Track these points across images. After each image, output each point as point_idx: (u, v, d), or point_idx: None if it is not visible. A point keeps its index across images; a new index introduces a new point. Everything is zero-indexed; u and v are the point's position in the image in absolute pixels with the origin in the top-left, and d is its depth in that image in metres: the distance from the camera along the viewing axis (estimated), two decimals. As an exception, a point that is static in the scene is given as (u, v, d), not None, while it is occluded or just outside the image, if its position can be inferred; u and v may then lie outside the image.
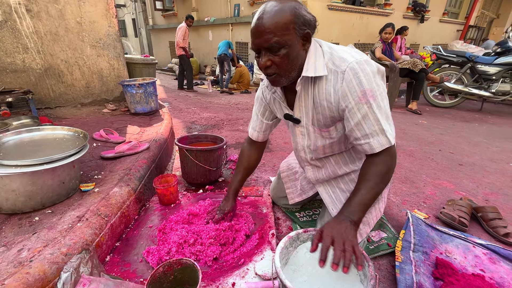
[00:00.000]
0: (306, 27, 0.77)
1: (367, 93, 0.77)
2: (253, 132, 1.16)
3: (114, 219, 1.07)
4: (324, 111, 0.88)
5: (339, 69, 0.79)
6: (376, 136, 0.79)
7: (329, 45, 0.85)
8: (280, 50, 0.75)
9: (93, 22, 2.48)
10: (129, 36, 13.41)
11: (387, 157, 0.81)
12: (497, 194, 1.59)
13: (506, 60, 3.74)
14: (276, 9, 0.73)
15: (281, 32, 0.73)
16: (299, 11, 0.74)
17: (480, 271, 0.96)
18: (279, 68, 0.79)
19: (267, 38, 0.74)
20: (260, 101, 1.10)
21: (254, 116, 1.15)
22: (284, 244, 0.81)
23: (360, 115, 0.79)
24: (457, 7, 8.89)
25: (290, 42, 0.75)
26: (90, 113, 2.51)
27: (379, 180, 0.80)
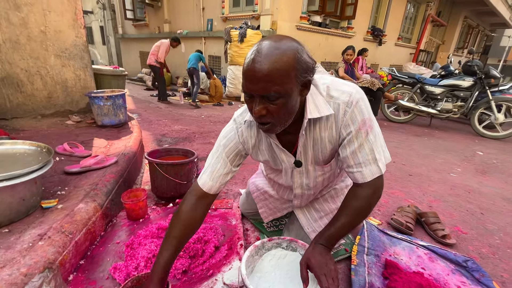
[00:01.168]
0: (307, 74, 0.69)
1: (366, 122, 0.78)
2: (209, 183, 0.90)
3: (79, 236, 1.05)
4: (325, 148, 0.87)
5: (340, 100, 0.78)
6: (368, 165, 0.80)
7: (319, 78, 0.83)
8: (278, 99, 0.67)
9: (59, 32, 2.41)
10: (96, 43, 12.89)
11: (371, 191, 0.82)
12: (439, 201, 1.82)
13: (448, 82, 4.28)
14: (278, 52, 0.64)
15: (282, 81, 0.65)
16: (301, 57, 0.67)
17: (421, 269, 1.10)
18: (274, 117, 0.71)
19: (266, 87, 0.65)
20: (233, 146, 0.92)
21: (217, 164, 0.91)
22: (250, 253, 0.87)
23: (357, 143, 0.79)
24: (409, 33, 9.98)
25: (290, 91, 0.67)
26: (52, 125, 2.38)
27: (358, 216, 0.83)
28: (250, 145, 0.93)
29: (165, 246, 0.83)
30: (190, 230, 0.88)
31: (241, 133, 0.92)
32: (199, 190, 0.91)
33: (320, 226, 1.11)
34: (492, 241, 1.39)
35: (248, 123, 0.91)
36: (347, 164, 0.84)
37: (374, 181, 0.82)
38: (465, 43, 13.84)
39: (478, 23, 14.02)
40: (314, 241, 0.84)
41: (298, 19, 5.77)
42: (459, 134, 4.18)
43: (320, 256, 0.79)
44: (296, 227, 1.18)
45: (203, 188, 0.90)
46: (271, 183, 1.21)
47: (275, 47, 0.65)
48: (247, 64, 0.67)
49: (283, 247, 0.97)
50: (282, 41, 0.67)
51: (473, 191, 2.03)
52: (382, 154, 0.83)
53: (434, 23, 10.29)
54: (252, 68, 0.65)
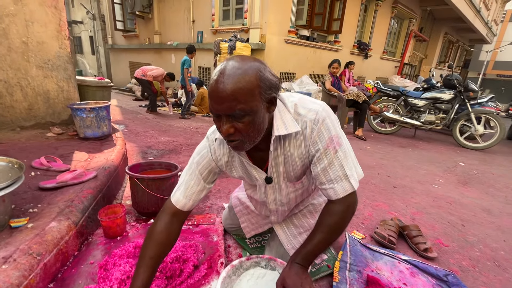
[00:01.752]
0: (271, 91, 0.71)
1: (333, 139, 0.80)
2: (182, 200, 0.90)
3: (48, 258, 1.00)
4: (295, 164, 0.88)
5: (307, 118, 0.80)
6: (340, 181, 0.81)
7: (288, 96, 0.85)
8: (245, 117, 0.69)
9: (42, 43, 2.37)
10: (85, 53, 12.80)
11: (345, 206, 0.83)
12: (422, 213, 1.84)
13: (430, 95, 4.44)
14: (240, 72, 0.66)
15: (245, 99, 0.66)
16: (264, 75, 0.68)
17: (403, 285, 1.10)
18: (243, 135, 0.71)
19: (230, 106, 0.66)
20: (206, 163, 0.92)
21: (190, 181, 0.91)
22: (226, 273, 0.84)
23: (326, 160, 0.80)
24: (393, 47, 10.37)
25: (255, 108, 0.68)
26: (31, 137, 2.30)
27: (332, 231, 0.83)
28: (223, 162, 0.93)
29: (141, 268, 0.81)
30: (165, 249, 0.87)
31: (214, 150, 0.92)
32: (173, 207, 0.90)
33: (300, 243, 1.10)
34: (473, 254, 1.41)
35: (219, 141, 0.91)
36: (319, 181, 0.85)
37: (346, 197, 0.83)
38: (446, 57, 14.50)
39: (458, 38, 14.77)
40: (291, 260, 0.83)
41: (286, 33, 5.91)
42: (442, 145, 4.30)
43: (296, 276, 0.78)
44: (276, 244, 1.16)
45: (177, 205, 0.90)
46: (250, 199, 1.21)
47: (237, 67, 0.66)
48: (211, 85, 0.68)
49: (262, 266, 0.95)
50: (244, 61, 0.68)
51: (455, 202, 2.07)
52: (354, 170, 0.84)
53: (417, 38, 10.77)
54: (216, 88, 0.66)
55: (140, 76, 5.19)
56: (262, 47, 5.54)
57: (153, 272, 0.82)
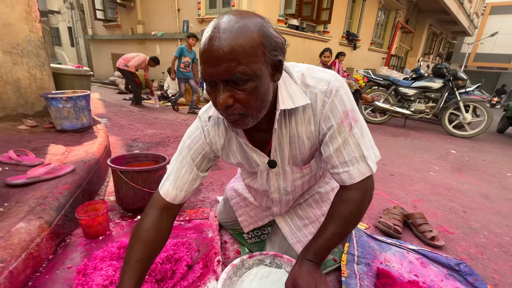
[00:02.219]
0: (277, 52, 0.59)
1: (349, 114, 0.68)
2: (173, 192, 0.78)
3: (15, 264, 0.85)
4: (303, 146, 0.76)
5: (316, 90, 0.68)
6: (356, 163, 0.69)
7: (293, 65, 0.73)
8: (247, 84, 0.56)
9: (9, 25, 2.13)
10: (64, 45, 12.11)
11: (361, 193, 0.72)
12: (422, 201, 1.79)
13: (420, 84, 4.45)
14: (239, 26, 0.53)
15: (248, 59, 0.53)
16: (268, 31, 0.56)
17: (415, 276, 1.02)
18: (245, 106, 0.58)
19: (228, 67, 0.53)
20: (199, 147, 0.80)
21: (181, 169, 0.79)
22: (227, 275, 0.73)
23: (340, 139, 0.69)
24: (381, 39, 10.42)
25: (259, 72, 0.56)
26: (1, 130, 2.08)
27: (347, 222, 0.72)
28: (218, 146, 0.81)
29: (127, 273, 0.69)
30: (155, 250, 0.75)
31: (207, 132, 0.80)
32: (162, 201, 0.77)
33: (305, 236, 0.99)
34: (478, 240, 1.37)
35: (214, 120, 0.78)
36: (331, 165, 0.73)
37: (363, 182, 0.71)
38: (431, 49, 14.78)
39: (442, 30, 15.07)
40: (301, 256, 0.72)
41: (275, 22, 5.75)
42: (432, 134, 4.33)
43: (308, 275, 0.68)
44: (279, 238, 1.05)
45: (166, 198, 0.77)
46: (248, 189, 1.09)
47: (236, 21, 0.53)
48: (204, 44, 0.54)
49: (266, 263, 0.84)
50: (243, 15, 0.55)
51: (453, 189, 2.04)
52: (371, 150, 0.72)
53: (403, 29, 10.86)
54: (209, 47, 0.53)
55: (122, 67, 4.87)
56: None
57: (141, 277, 0.70)
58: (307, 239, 0.98)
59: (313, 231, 0.99)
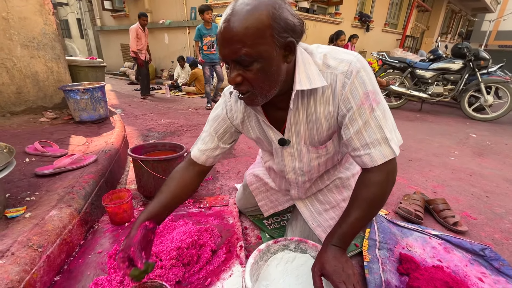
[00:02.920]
0: (288, 34, 0.60)
1: (369, 95, 0.66)
2: (201, 156, 0.90)
3: (51, 249, 0.90)
4: (320, 126, 0.76)
5: (337, 71, 0.68)
6: (378, 146, 0.68)
7: (316, 47, 0.74)
8: (253, 64, 0.60)
9: (24, 19, 2.15)
10: (73, 37, 12.22)
11: (384, 175, 0.70)
12: (443, 186, 1.75)
13: (438, 66, 4.25)
14: (248, 9, 0.56)
15: (253, 41, 0.57)
16: (279, 13, 0.58)
17: (438, 262, 1.02)
18: (252, 85, 0.63)
19: (235, 49, 0.58)
20: (221, 121, 0.88)
21: (206, 137, 0.90)
22: (254, 259, 0.75)
23: (361, 121, 0.68)
24: (395, 19, 9.94)
25: (266, 54, 0.59)
26: (23, 123, 2.16)
27: (370, 205, 0.71)
28: (238, 121, 0.87)
29: (154, 200, 0.83)
30: (180, 189, 0.88)
31: (230, 107, 0.87)
32: (190, 159, 0.92)
33: (326, 220, 1.00)
34: (503, 226, 1.33)
35: (235, 96, 0.84)
36: (352, 147, 0.72)
37: (385, 164, 0.70)
38: (449, 28, 14.01)
39: (461, 8, 14.18)
40: (326, 242, 0.73)
41: (285, 5, 5.58)
42: (450, 118, 4.18)
43: (334, 260, 0.68)
44: (300, 223, 1.06)
45: (196, 159, 0.91)
46: (268, 171, 1.11)
47: (246, 3, 0.57)
48: (219, 27, 0.60)
49: (291, 249, 0.85)
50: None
51: (474, 173, 1.98)
52: (394, 134, 0.71)
53: (419, 8, 10.30)
54: (221, 30, 0.59)
55: (132, 54, 4.62)
56: None
57: (164, 206, 0.83)
58: (328, 223, 0.99)
59: (333, 216, 0.99)
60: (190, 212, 1.29)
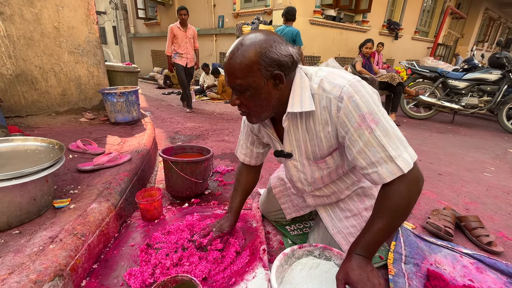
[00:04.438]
0: (274, 68, 0.70)
1: (366, 117, 0.69)
2: (245, 158, 1.10)
3: (91, 239, 0.98)
4: (321, 143, 0.83)
5: (331, 95, 0.73)
6: (384, 164, 0.69)
7: (317, 71, 0.80)
8: (246, 92, 0.74)
9: (72, 28, 2.38)
10: (109, 43, 13.09)
11: (403, 186, 0.70)
12: (476, 203, 1.66)
13: (473, 76, 4.03)
14: (242, 49, 0.70)
15: (243, 74, 0.70)
16: (266, 52, 0.68)
17: (469, 281, 0.97)
18: (248, 108, 0.78)
19: (231, 79, 0.73)
20: (248, 131, 1.06)
21: (242, 144, 1.09)
22: (279, 262, 0.77)
23: (361, 142, 0.71)
24: (426, 26, 9.58)
25: (254, 84, 0.72)
26: (66, 122, 2.36)
27: (394, 216, 0.71)
28: (256, 131, 1.03)
29: (234, 197, 1.12)
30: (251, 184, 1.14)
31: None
32: (242, 163, 1.13)
33: (347, 228, 1.00)
34: (544, 249, 1.24)
35: None
36: (359, 166, 0.75)
37: (399, 179, 0.69)
38: (486, 36, 13.20)
39: (500, 15, 13.33)
40: (350, 251, 0.74)
41: (311, 13, 5.60)
42: (486, 131, 3.93)
43: (359, 269, 0.68)
44: (322, 230, 1.07)
45: (244, 162, 1.11)
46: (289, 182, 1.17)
47: (241, 44, 0.71)
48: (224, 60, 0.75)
49: (315, 255, 0.86)
50: (252, 37, 0.70)
51: (512, 192, 1.85)
52: (402, 150, 0.69)
53: (453, 15, 9.85)
54: (224, 64, 0.74)
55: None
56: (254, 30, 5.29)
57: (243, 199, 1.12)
58: (348, 230, 0.99)
59: (354, 224, 0.99)
60: (215, 213, 1.34)
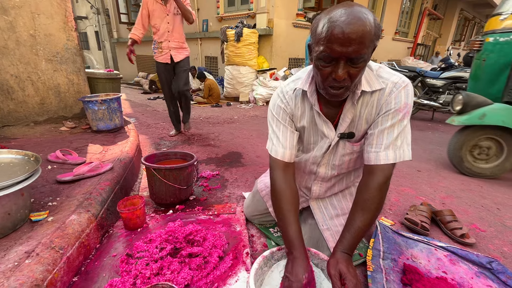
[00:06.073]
0: (377, 40, 0.71)
1: (407, 107, 0.79)
2: (285, 152, 0.93)
3: (71, 251, 0.97)
4: (361, 126, 0.87)
5: (389, 81, 0.80)
6: (386, 150, 0.80)
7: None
8: (360, 63, 0.69)
9: (49, 35, 2.32)
10: (91, 49, 12.81)
11: (382, 179, 0.80)
12: (452, 197, 1.74)
13: (450, 75, 4.21)
14: (366, 17, 0.65)
15: (368, 43, 0.66)
16: (377, 22, 0.69)
17: (443, 273, 1.02)
18: (352, 80, 0.72)
19: (358, 49, 0.65)
20: (283, 114, 0.95)
21: (279, 132, 0.95)
22: (258, 265, 0.79)
23: (390, 123, 0.79)
24: (406, 27, 9.92)
25: (368, 54, 0.70)
26: (46, 132, 2.30)
27: (375, 209, 0.80)
28: (293, 112, 0.95)
29: (288, 222, 0.85)
30: (296, 199, 0.91)
31: (287, 102, 0.94)
32: (278, 161, 0.93)
33: (336, 226, 1.06)
34: (513, 239, 1.31)
35: (297, 92, 0.92)
36: (368, 142, 0.84)
37: (385, 166, 0.80)
38: (462, 35, 13.80)
39: (474, 15, 13.98)
40: (336, 249, 0.79)
41: (294, 16, 5.70)
42: (463, 127, 4.09)
43: (352, 268, 0.74)
44: (310, 228, 1.11)
45: (277, 156, 0.93)
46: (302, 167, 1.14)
47: (361, 11, 0.66)
48: (337, 27, 0.64)
49: (294, 256, 0.88)
50: (362, 6, 0.68)
51: (486, 185, 1.95)
52: (405, 147, 0.81)
53: (431, 16, 10.25)
54: (343, 30, 0.64)
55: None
56: (269, 32, 5.36)
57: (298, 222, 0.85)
58: (337, 229, 1.05)
59: (342, 223, 1.05)
60: (199, 219, 1.34)
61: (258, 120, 4.06)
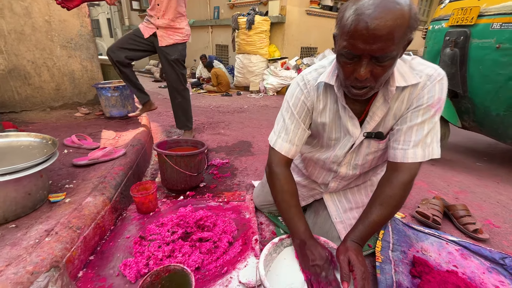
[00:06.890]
0: (413, 32, 0.62)
1: (440, 102, 0.72)
2: (290, 147, 0.88)
3: (87, 231, 1.01)
4: (388, 122, 0.81)
5: (423, 73, 0.73)
6: (415, 147, 0.74)
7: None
8: (387, 61, 0.60)
9: (64, 21, 2.35)
10: (103, 36, 12.90)
11: (409, 176, 0.76)
12: (466, 192, 1.70)
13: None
14: (398, 7, 0.55)
15: (399, 40, 0.58)
16: (414, 11, 0.58)
17: (454, 267, 1.01)
18: (376, 80, 0.64)
19: (384, 46, 0.57)
20: (301, 107, 0.87)
21: (290, 126, 0.88)
22: (268, 251, 0.80)
23: (420, 119, 0.73)
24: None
25: (398, 52, 0.61)
26: (61, 117, 2.36)
27: (394, 207, 0.76)
28: (314, 106, 0.87)
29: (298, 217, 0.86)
30: (298, 196, 0.92)
31: (308, 93, 0.86)
32: (282, 157, 0.89)
33: (349, 219, 1.05)
34: (529, 236, 1.28)
35: (320, 84, 0.84)
36: (395, 138, 0.78)
37: (413, 165, 0.75)
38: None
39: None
40: (349, 238, 0.77)
41: (308, 3, 5.53)
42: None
43: (361, 257, 0.73)
44: (321, 219, 1.11)
45: (282, 152, 0.89)
46: (306, 163, 1.12)
47: (392, 0, 0.56)
48: (361, 21, 0.56)
49: (303, 244, 0.89)
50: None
51: (502, 181, 1.89)
52: (435, 144, 0.76)
53: (452, 4, 9.73)
54: (369, 24, 0.55)
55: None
56: (282, 20, 5.24)
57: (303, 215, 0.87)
58: (350, 222, 1.03)
59: (356, 216, 1.03)
60: (209, 205, 1.36)
61: (268, 110, 4.03)
